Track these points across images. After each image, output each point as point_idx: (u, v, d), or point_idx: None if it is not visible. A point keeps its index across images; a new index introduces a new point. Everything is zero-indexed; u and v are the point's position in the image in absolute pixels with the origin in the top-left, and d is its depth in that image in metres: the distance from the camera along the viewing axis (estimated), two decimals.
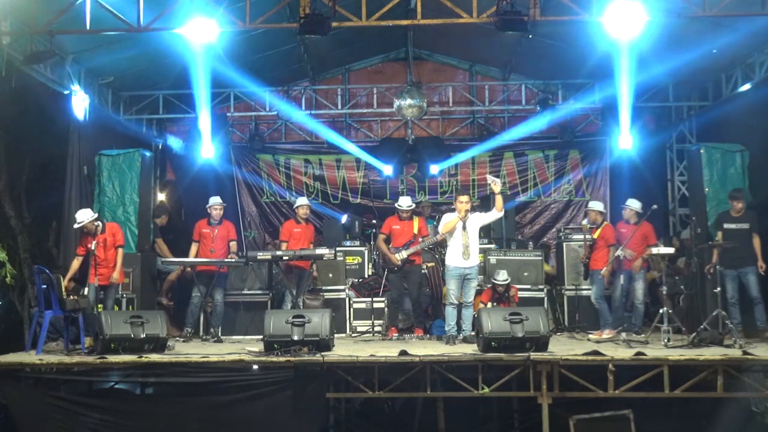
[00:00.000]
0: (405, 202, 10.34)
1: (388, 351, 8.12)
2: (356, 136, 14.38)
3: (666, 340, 8.46)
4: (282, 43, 12.15)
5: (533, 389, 7.76)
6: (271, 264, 10.58)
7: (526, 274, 10.92)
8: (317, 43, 10.99)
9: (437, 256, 11.21)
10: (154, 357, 8.03)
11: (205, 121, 12.63)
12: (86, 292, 9.01)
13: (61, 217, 10.55)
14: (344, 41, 12.11)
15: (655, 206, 9.56)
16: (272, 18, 9.46)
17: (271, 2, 9.45)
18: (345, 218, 13.11)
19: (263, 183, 14.16)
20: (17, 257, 11.04)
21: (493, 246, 11.22)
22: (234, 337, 10.08)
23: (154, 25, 9.19)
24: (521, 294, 10.54)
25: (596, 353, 7.83)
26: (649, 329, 9.03)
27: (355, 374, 7.90)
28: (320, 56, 12.99)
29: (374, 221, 12.77)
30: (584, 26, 9.60)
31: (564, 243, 11.11)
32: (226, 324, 10.31)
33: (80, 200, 10.57)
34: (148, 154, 11.36)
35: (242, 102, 13.60)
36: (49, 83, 10.19)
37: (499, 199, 9.20)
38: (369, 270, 11.54)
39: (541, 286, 10.95)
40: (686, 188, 13.04)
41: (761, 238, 9.57)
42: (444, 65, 14.25)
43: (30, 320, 9.87)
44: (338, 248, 10.99)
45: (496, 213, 9.31)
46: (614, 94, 13.04)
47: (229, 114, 13.52)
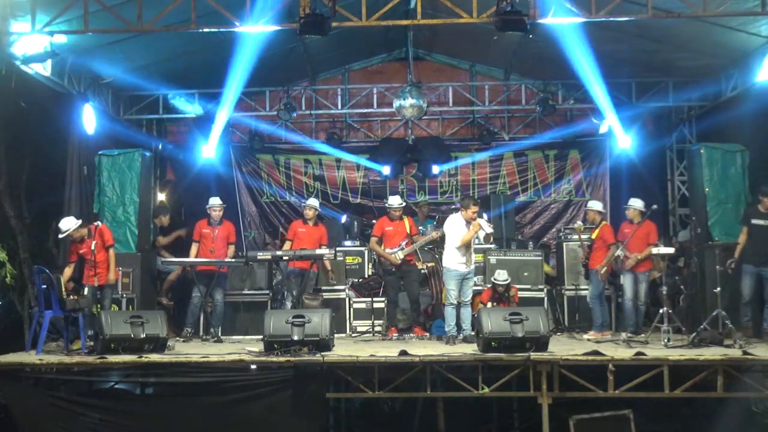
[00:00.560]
0: (395, 201, 10.36)
1: (388, 351, 8.12)
2: (356, 136, 14.37)
3: (666, 340, 8.46)
4: (282, 43, 12.14)
5: (533, 389, 7.76)
6: (271, 264, 10.60)
7: (526, 274, 10.94)
8: (317, 43, 10.98)
9: (437, 256, 11.21)
10: (154, 357, 8.03)
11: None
12: (86, 292, 9.01)
13: (61, 217, 10.52)
14: (344, 41, 12.10)
15: (655, 206, 9.59)
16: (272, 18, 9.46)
17: (271, 2, 9.44)
18: (344, 218, 13.10)
19: (263, 183, 14.14)
20: (17, 257, 11.00)
21: (493, 246, 11.22)
22: (234, 337, 10.09)
23: (155, 25, 9.19)
24: (521, 294, 10.55)
25: (596, 353, 7.83)
26: (649, 329, 9.04)
27: (355, 374, 7.90)
28: (320, 56, 12.98)
29: (374, 221, 12.75)
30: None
31: (564, 243, 11.14)
32: (226, 324, 10.33)
33: (80, 200, 10.59)
34: (148, 154, 11.36)
35: (242, 102, 13.59)
36: (49, 83, 10.19)
37: (488, 237, 9.65)
38: (369, 270, 11.55)
39: (541, 286, 10.97)
40: (686, 188, 13.02)
41: None
42: (444, 65, 14.23)
43: (30, 320, 9.86)
44: (338, 248, 11.00)
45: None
46: (614, 94, 13.09)
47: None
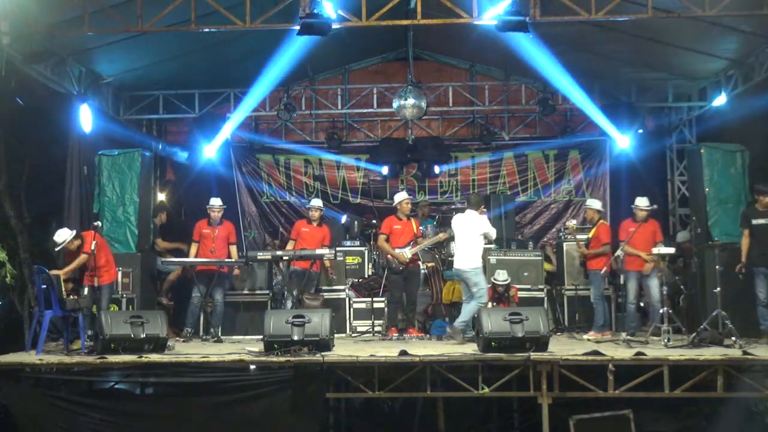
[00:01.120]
0: (401, 196, 10.37)
1: (388, 351, 8.11)
2: (356, 136, 14.37)
3: (666, 340, 8.46)
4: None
5: (533, 389, 7.75)
6: (271, 264, 10.60)
7: (526, 274, 10.94)
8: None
9: (437, 256, 11.21)
10: (154, 357, 8.02)
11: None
12: (86, 292, 9.02)
13: (61, 217, 10.55)
14: (344, 41, 12.08)
15: (655, 206, 9.58)
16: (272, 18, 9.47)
17: (272, 2, 9.44)
18: (345, 218, 13.10)
19: (263, 183, 14.14)
20: (17, 257, 11.00)
21: (493, 246, 11.22)
22: (234, 337, 10.09)
23: (155, 25, 9.19)
24: (521, 294, 10.56)
25: (596, 353, 7.82)
26: (649, 329, 9.04)
27: (355, 374, 7.89)
28: (320, 56, 12.96)
29: (374, 221, 12.77)
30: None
31: (564, 243, 11.13)
32: (226, 324, 10.33)
33: (80, 200, 10.58)
34: (148, 154, 11.35)
35: (242, 102, 13.58)
36: (49, 83, 10.19)
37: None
38: (369, 270, 11.55)
39: (541, 286, 10.97)
40: (686, 188, 13.03)
41: None
42: (444, 65, 14.23)
43: (30, 320, 9.87)
44: (338, 248, 11.00)
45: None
46: (614, 94, 13.11)
47: (229, 114, 13.50)
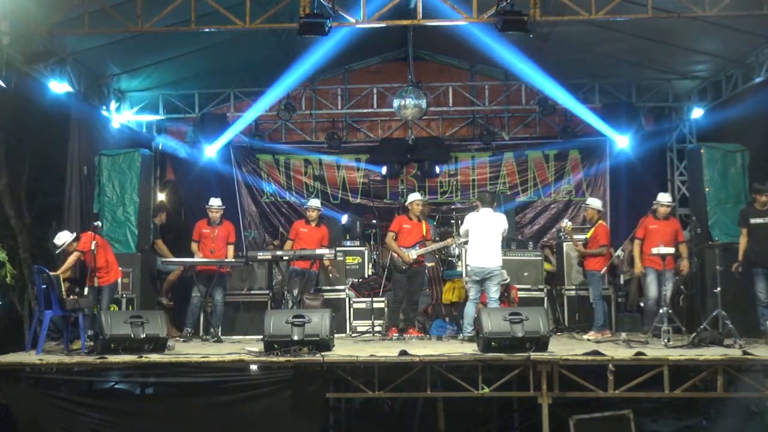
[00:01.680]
0: (414, 197, 10.39)
1: (388, 351, 8.11)
2: (356, 136, 14.36)
3: (666, 340, 8.46)
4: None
5: (533, 389, 7.75)
6: (271, 264, 10.59)
7: (526, 274, 10.93)
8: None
9: (437, 257, 11.21)
10: (154, 357, 8.02)
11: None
12: (86, 293, 9.01)
13: (61, 217, 10.55)
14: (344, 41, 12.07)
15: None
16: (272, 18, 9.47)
17: (272, 2, 9.45)
18: (346, 218, 13.09)
19: (263, 183, 14.14)
20: (17, 257, 11.02)
21: None
22: (234, 337, 10.09)
23: (155, 25, 9.19)
24: (521, 294, 10.55)
25: (596, 353, 7.81)
26: (649, 329, 9.03)
27: (355, 374, 7.88)
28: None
29: (374, 221, 12.77)
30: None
31: (564, 243, 11.12)
32: (226, 324, 10.33)
33: (80, 200, 10.57)
34: (148, 154, 11.36)
35: (242, 102, 13.60)
36: (49, 83, 10.18)
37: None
38: (369, 270, 11.55)
39: (541, 286, 10.96)
40: (686, 188, 13.03)
41: None
42: (444, 65, 14.22)
43: (30, 320, 9.87)
44: (338, 248, 10.99)
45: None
46: (614, 94, 13.11)
47: (229, 114, 13.50)
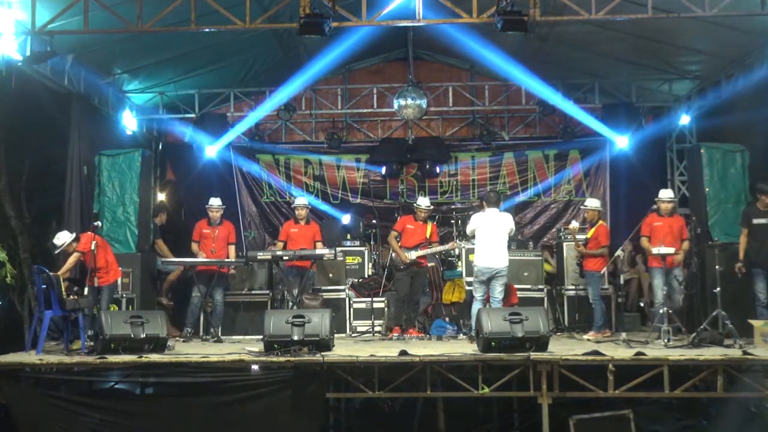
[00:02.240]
0: (424, 203, 10.36)
1: (388, 351, 8.12)
2: (356, 136, 14.36)
3: (666, 340, 8.46)
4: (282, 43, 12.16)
5: (533, 389, 7.75)
6: (271, 264, 10.59)
7: (526, 274, 10.93)
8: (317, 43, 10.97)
9: (437, 257, 11.20)
10: (154, 357, 8.02)
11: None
12: (86, 293, 9.01)
13: (61, 217, 10.55)
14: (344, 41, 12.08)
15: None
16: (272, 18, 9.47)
17: (272, 2, 9.45)
18: (348, 218, 13.08)
19: (263, 183, 14.14)
20: (17, 257, 11.02)
21: None
22: (234, 337, 10.10)
23: (155, 25, 9.19)
24: (521, 294, 10.53)
25: (596, 353, 7.82)
26: (649, 329, 9.03)
27: (355, 374, 7.88)
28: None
29: (374, 221, 12.77)
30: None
31: (564, 243, 11.12)
32: (226, 324, 10.34)
33: (80, 200, 10.57)
34: (148, 154, 11.36)
35: (242, 102, 13.60)
36: (49, 83, 10.19)
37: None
38: (369, 270, 11.56)
39: (541, 286, 10.96)
40: (686, 188, 13.03)
41: None
42: (444, 65, 14.22)
43: (30, 320, 9.87)
44: (338, 248, 11.00)
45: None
46: (614, 94, 13.11)
47: (229, 114, 13.50)
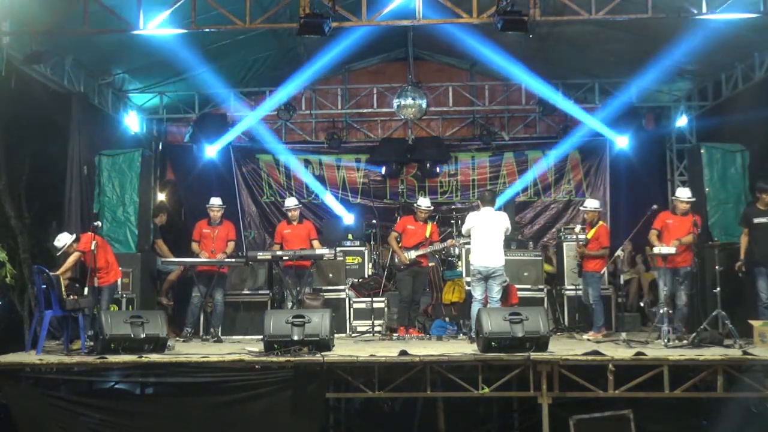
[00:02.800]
0: (424, 203, 10.36)
1: (388, 351, 8.11)
2: (356, 136, 14.35)
3: (666, 340, 8.46)
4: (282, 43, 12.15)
5: (533, 389, 7.75)
6: (271, 264, 10.59)
7: (526, 274, 10.93)
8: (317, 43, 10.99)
9: (437, 256, 11.20)
10: (154, 357, 8.02)
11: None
12: (86, 293, 9.01)
13: (61, 217, 10.54)
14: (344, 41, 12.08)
15: (655, 206, 9.53)
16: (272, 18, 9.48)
17: (272, 2, 9.45)
18: (352, 219, 13.07)
19: (263, 183, 14.13)
20: (17, 257, 11.01)
21: None
22: (234, 337, 10.10)
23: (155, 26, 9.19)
24: (521, 294, 10.53)
25: (596, 353, 7.82)
26: (650, 329, 9.03)
27: (355, 374, 7.88)
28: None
29: (374, 221, 12.77)
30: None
31: (564, 243, 11.12)
32: (226, 324, 10.34)
33: (80, 200, 10.57)
34: (148, 154, 11.36)
35: (242, 102, 13.59)
36: (49, 83, 10.19)
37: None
38: (369, 270, 11.55)
39: (541, 286, 10.96)
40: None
41: None
42: (444, 65, 14.22)
43: (30, 320, 9.86)
44: (338, 248, 10.99)
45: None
46: (614, 94, 13.11)
47: (229, 114, 13.50)
